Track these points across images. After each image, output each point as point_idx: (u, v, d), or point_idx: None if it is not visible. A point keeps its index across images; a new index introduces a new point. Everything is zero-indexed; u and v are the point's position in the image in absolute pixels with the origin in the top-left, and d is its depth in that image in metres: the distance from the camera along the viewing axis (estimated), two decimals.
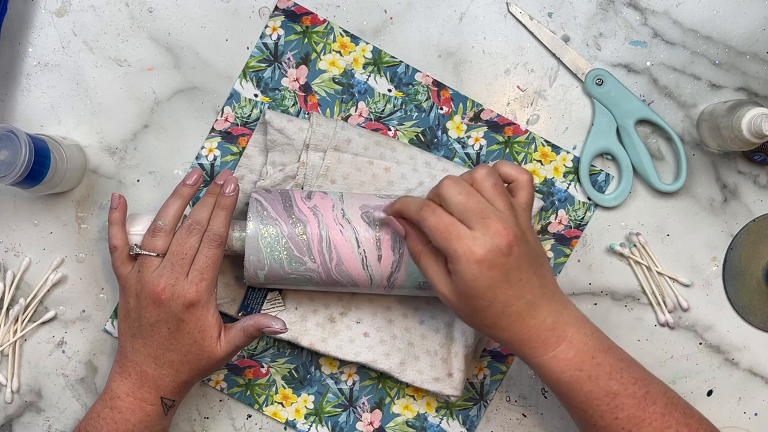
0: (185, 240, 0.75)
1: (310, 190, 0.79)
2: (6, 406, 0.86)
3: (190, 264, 0.74)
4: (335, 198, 0.77)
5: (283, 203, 0.76)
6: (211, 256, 0.74)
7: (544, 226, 0.87)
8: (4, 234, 0.85)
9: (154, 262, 0.74)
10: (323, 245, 0.75)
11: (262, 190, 0.78)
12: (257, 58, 0.85)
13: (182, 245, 0.74)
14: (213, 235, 0.75)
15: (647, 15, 0.86)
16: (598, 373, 0.71)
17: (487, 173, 0.70)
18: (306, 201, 0.77)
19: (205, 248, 0.74)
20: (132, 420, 0.75)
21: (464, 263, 0.66)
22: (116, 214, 0.77)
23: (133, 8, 0.84)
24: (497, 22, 0.86)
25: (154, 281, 0.73)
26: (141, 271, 0.74)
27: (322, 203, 0.77)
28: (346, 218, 0.76)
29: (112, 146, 0.85)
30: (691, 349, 0.88)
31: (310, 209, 0.76)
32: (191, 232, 0.75)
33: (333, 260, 0.76)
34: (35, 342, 0.86)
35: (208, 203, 0.77)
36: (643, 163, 0.85)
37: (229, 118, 0.85)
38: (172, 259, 0.74)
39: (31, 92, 0.84)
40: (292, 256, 0.76)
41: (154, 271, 0.74)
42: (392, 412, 0.87)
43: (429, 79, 0.85)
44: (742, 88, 0.87)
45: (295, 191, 0.79)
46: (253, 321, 0.76)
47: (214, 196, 0.77)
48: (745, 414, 0.89)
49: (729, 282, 0.88)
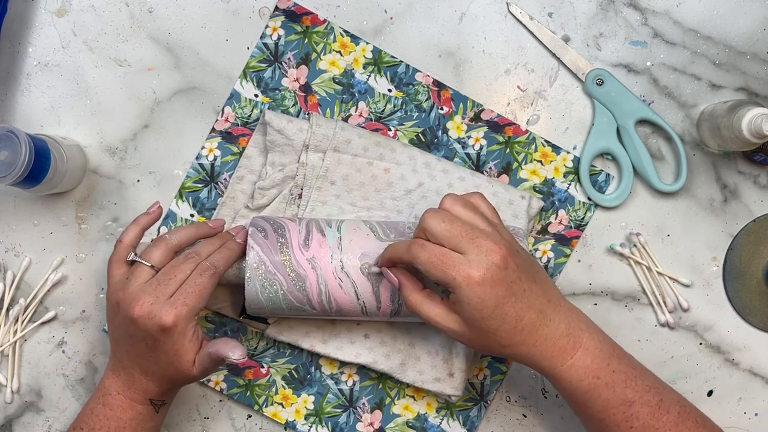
0: (180, 263, 0.73)
1: (308, 225, 0.77)
2: (6, 407, 0.86)
3: (177, 286, 0.72)
4: (333, 244, 0.76)
5: (280, 251, 0.75)
6: (200, 284, 0.72)
7: (544, 226, 0.87)
8: (4, 234, 0.85)
9: (144, 274, 0.73)
10: (323, 298, 0.75)
11: (257, 232, 0.76)
12: (257, 58, 0.85)
13: (175, 267, 0.73)
14: (209, 264, 0.73)
15: (647, 15, 0.86)
16: (615, 381, 0.70)
17: (453, 199, 0.70)
18: (304, 250, 0.75)
19: (196, 275, 0.72)
20: (123, 417, 0.75)
21: (466, 289, 0.66)
22: (145, 218, 0.77)
23: (133, 8, 0.84)
24: (497, 22, 0.86)
25: (136, 294, 0.71)
26: (129, 279, 0.73)
27: (320, 254, 0.75)
28: (344, 271, 0.75)
29: (112, 146, 0.85)
30: (692, 350, 0.88)
31: (308, 261, 0.75)
32: (188, 259, 0.74)
33: (333, 309, 0.76)
34: (35, 342, 0.86)
35: (215, 243, 0.76)
36: (643, 163, 0.85)
37: (230, 119, 0.85)
38: (160, 277, 0.72)
39: (31, 92, 0.84)
40: (292, 306, 0.76)
41: (141, 284, 0.72)
42: (392, 412, 0.87)
43: (429, 79, 0.85)
44: (742, 88, 0.87)
45: (292, 229, 0.77)
46: (215, 348, 0.73)
47: (223, 240, 0.77)
48: (745, 414, 0.89)
49: (729, 282, 0.88)
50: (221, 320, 0.85)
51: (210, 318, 0.85)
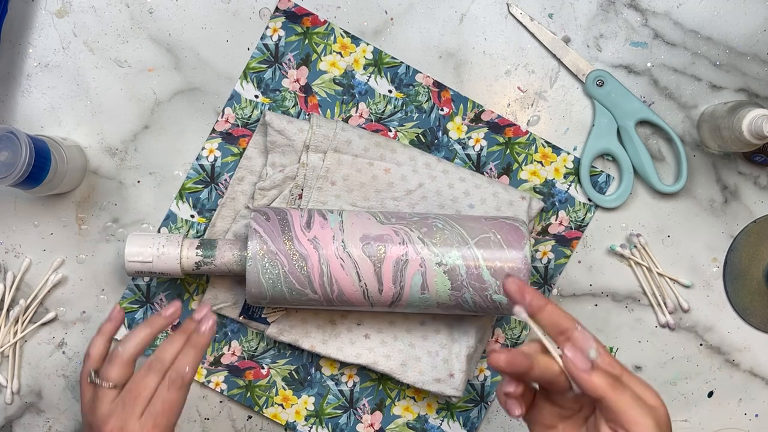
0: (142, 378, 0.67)
1: (310, 211, 0.78)
2: (6, 407, 0.86)
3: (145, 405, 0.66)
4: (335, 226, 0.76)
5: (282, 232, 0.75)
6: (169, 401, 0.67)
7: (544, 227, 0.87)
8: (5, 235, 0.85)
9: (108, 395, 0.67)
10: (324, 279, 0.75)
11: (260, 216, 0.76)
12: (258, 59, 0.85)
13: (138, 383, 0.67)
14: (176, 375, 0.67)
15: (648, 16, 0.86)
16: None
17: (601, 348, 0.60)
18: (306, 231, 0.76)
19: (164, 390, 0.67)
20: None
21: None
22: (108, 325, 0.72)
23: (133, 9, 0.84)
24: (498, 23, 0.86)
25: (104, 418, 0.66)
26: (94, 401, 0.68)
27: (322, 234, 0.76)
28: (346, 251, 0.75)
29: (112, 147, 0.85)
30: (692, 351, 0.88)
31: (310, 242, 0.75)
32: (150, 370, 0.67)
33: (334, 292, 0.76)
34: (36, 343, 0.86)
35: (177, 341, 0.69)
36: (643, 164, 0.85)
37: (230, 119, 0.85)
38: (125, 397, 0.66)
39: (31, 93, 0.84)
40: (294, 289, 0.76)
41: (107, 406, 0.67)
42: (393, 413, 0.87)
43: (430, 80, 0.85)
44: (742, 89, 0.87)
45: (293, 214, 0.77)
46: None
47: (186, 335, 0.70)
48: (745, 415, 0.89)
49: (729, 283, 0.88)
50: (221, 320, 0.85)
51: None
